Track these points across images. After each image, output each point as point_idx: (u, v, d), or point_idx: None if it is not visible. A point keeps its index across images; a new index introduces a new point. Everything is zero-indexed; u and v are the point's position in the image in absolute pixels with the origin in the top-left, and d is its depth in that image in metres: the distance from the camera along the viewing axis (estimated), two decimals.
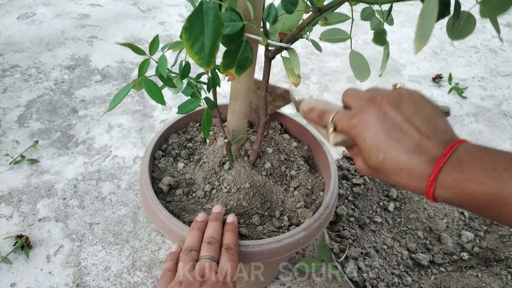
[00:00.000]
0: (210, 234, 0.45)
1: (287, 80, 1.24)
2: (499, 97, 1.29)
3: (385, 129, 0.32)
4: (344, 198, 0.73)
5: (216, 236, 0.45)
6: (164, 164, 0.59)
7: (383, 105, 0.34)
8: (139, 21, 1.48)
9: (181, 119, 0.65)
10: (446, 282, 0.64)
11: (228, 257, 0.43)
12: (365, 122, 0.34)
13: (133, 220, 0.79)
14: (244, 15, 0.41)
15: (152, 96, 0.38)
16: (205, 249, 0.43)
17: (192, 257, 0.43)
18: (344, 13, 0.44)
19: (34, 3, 1.50)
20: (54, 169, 0.88)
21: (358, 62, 0.44)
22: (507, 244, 0.70)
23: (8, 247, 0.72)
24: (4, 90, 1.08)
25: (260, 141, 0.54)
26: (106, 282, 0.69)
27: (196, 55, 0.29)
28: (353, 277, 0.60)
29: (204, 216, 0.48)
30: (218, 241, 0.45)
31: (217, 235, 0.45)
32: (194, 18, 0.28)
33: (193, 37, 0.28)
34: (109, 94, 1.11)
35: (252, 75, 0.50)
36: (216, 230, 0.46)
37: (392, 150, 0.32)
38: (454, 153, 0.29)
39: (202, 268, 0.41)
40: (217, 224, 0.47)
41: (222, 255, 0.43)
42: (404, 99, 0.33)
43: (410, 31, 1.59)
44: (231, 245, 0.44)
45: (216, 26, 0.28)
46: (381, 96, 0.34)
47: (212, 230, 0.46)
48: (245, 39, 0.37)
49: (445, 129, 0.32)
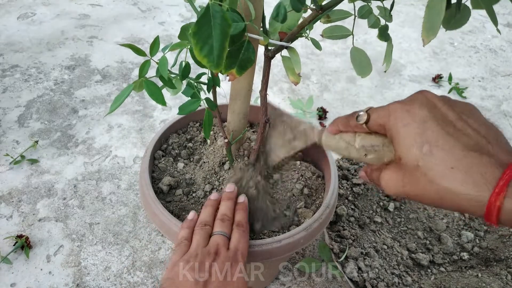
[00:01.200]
0: (224, 212, 0.47)
1: (287, 80, 1.24)
2: (499, 97, 1.29)
3: (435, 118, 0.27)
4: (344, 198, 0.73)
5: (229, 214, 0.47)
6: (164, 164, 0.59)
7: (433, 98, 0.28)
8: (139, 21, 1.48)
9: (181, 119, 0.65)
10: (446, 282, 0.64)
11: (239, 233, 0.45)
12: (409, 108, 0.28)
13: (133, 220, 0.79)
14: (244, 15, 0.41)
15: (152, 97, 0.38)
16: (219, 225, 0.45)
17: (207, 231, 0.45)
18: (346, 10, 0.44)
19: (34, 3, 1.50)
20: (54, 169, 0.88)
21: (360, 58, 0.44)
22: (507, 244, 0.70)
23: (8, 247, 0.72)
24: (4, 90, 1.08)
25: (260, 141, 0.54)
26: (106, 282, 0.69)
27: (206, 58, 0.29)
28: (353, 277, 0.60)
29: (217, 195, 0.51)
30: (230, 218, 0.47)
31: (230, 213, 0.47)
32: (202, 22, 0.28)
33: (202, 40, 0.28)
34: (109, 94, 1.11)
35: (252, 75, 0.50)
36: (229, 208, 0.48)
37: (443, 142, 0.25)
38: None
39: (215, 243, 0.43)
40: (230, 203, 0.49)
41: (234, 231, 0.45)
42: (457, 102, 0.28)
43: (410, 31, 1.60)
44: (242, 222, 0.46)
45: (223, 28, 0.28)
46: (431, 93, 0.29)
47: (225, 208, 0.48)
48: (247, 39, 0.37)
49: (507, 143, 0.26)
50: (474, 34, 1.63)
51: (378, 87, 1.27)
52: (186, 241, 0.44)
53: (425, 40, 0.26)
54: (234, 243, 0.43)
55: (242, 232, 0.45)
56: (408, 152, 0.27)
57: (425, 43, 0.27)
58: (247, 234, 0.46)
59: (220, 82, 0.45)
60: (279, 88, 1.22)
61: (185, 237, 0.45)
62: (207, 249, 0.42)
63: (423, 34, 0.26)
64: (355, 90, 1.24)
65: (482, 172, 0.24)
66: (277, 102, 1.16)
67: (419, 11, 1.73)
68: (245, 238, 0.45)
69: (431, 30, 0.26)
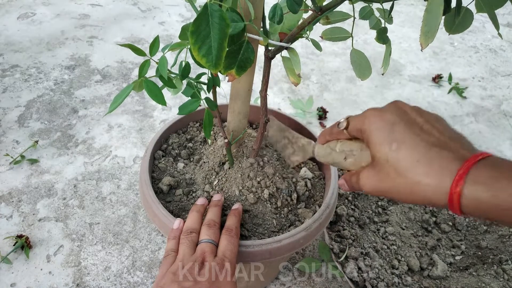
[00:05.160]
0: (210, 217, 0.46)
1: (287, 80, 1.24)
2: (499, 97, 1.29)
3: (404, 121, 0.30)
4: (344, 198, 0.73)
5: (216, 219, 0.46)
6: (164, 164, 0.59)
7: (404, 106, 0.32)
8: (139, 21, 1.48)
9: (181, 119, 0.65)
10: (446, 282, 0.64)
11: (227, 239, 0.44)
12: (381, 114, 0.31)
13: (133, 220, 0.79)
14: (244, 16, 0.41)
15: (152, 97, 0.38)
16: (205, 232, 0.44)
17: (192, 239, 0.44)
18: (345, 12, 0.44)
19: (34, 3, 1.50)
20: (54, 169, 0.88)
21: (359, 60, 0.44)
22: (507, 244, 0.70)
23: (8, 247, 0.72)
24: (4, 90, 1.08)
25: (260, 141, 0.54)
26: (106, 282, 0.69)
27: (204, 58, 0.29)
28: (353, 277, 0.60)
29: (204, 200, 0.50)
30: (217, 224, 0.46)
31: (217, 218, 0.46)
32: (199, 21, 0.28)
33: (200, 40, 0.28)
34: (109, 94, 1.11)
35: (252, 75, 0.50)
36: (216, 214, 0.47)
37: (409, 140, 0.28)
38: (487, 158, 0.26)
39: (202, 252, 0.42)
40: (216, 209, 0.48)
41: (222, 237, 0.44)
42: (427, 111, 0.32)
43: (410, 31, 1.60)
44: (232, 226, 0.45)
45: (222, 27, 0.28)
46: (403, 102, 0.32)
47: (212, 214, 0.47)
48: (246, 39, 0.37)
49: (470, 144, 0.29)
50: (474, 34, 1.63)
51: (378, 87, 1.27)
52: (173, 253, 0.44)
53: (423, 44, 0.27)
54: (221, 250, 0.43)
55: (230, 237, 0.44)
56: (379, 150, 0.30)
57: (423, 47, 0.27)
58: (236, 239, 0.45)
59: (220, 82, 0.45)
60: (279, 88, 1.22)
61: (172, 249, 0.44)
62: (193, 257, 0.41)
63: (421, 39, 0.27)
64: (355, 90, 1.24)
65: (443, 164, 0.26)
66: (277, 102, 1.16)
67: (419, 11, 1.73)
68: (233, 244, 0.44)
69: (429, 34, 0.26)
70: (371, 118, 0.32)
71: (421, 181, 0.27)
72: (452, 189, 0.25)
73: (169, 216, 0.48)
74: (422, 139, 0.28)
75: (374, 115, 0.32)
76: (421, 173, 0.27)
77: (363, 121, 0.33)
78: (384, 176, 0.30)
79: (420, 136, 0.29)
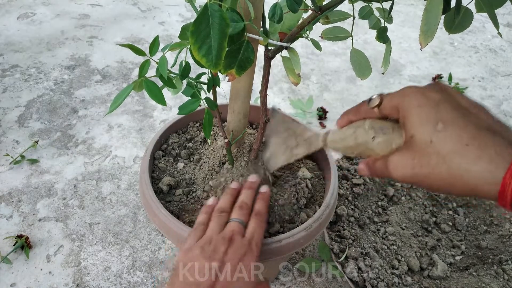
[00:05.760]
0: (243, 200, 0.47)
1: (287, 80, 1.24)
2: (499, 97, 1.29)
3: (449, 102, 0.27)
4: (344, 198, 0.73)
5: (248, 202, 0.47)
6: (164, 164, 0.59)
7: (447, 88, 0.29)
8: (139, 21, 1.48)
9: (181, 119, 0.65)
10: (446, 282, 0.64)
11: (257, 222, 0.44)
12: (424, 91, 0.28)
13: (133, 220, 0.79)
14: (244, 15, 0.41)
15: (153, 97, 0.38)
16: (236, 213, 0.45)
17: (223, 218, 0.45)
18: (345, 11, 0.44)
19: (34, 3, 1.50)
20: (54, 169, 0.88)
21: (359, 60, 0.44)
22: (507, 244, 0.70)
23: (8, 247, 0.72)
24: (4, 90, 1.08)
25: (260, 141, 0.54)
26: (106, 282, 0.69)
27: (204, 58, 0.29)
28: (353, 277, 0.60)
29: (237, 184, 0.50)
30: (249, 207, 0.46)
31: (249, 201, 0.47)
32: (200, 21, 0.28)
33: (200, 40, 0.28)
34: (109, 94, 1.11)
35: (252, 75, 0.50)
36: (249, 197, 0.47)
37: (457, 121, 0.25)
38: None
39: (230, 230, 0.43)
40: (250, 192, 0.48)
41: (251, 220, 0.45)
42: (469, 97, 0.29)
43: (410, 31, 1.59)
44: (262, 211, 0.46)
45: (222, 27, 0.28)
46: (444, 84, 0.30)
47: (245, 196, 0.47)
48: (246, 39, 0.37)
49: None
50: (474, 34, 1.63)
51: (378, 87, 1.27)
52: (202, 226, 0.44)
53: (422, 44, 0.27)
54: (250, 232, 0.43)
55: (260, 221, 0.44)
56: (421, 130, 0.27)
57: (422, 46, 0.27)
58: (264, 225, 0.45)
59: (220, 82, 0.45)
60: (279, 88, 1.22)
61: (202, 222, 0.45)
62: (221, 235, 0.42)
63: (421, 38, 0.27)
64: (355, 90, 1.24)
65: (496, 149, 0.23)
66: (277, 102, 1.16)
67: (419, 11, 1.73)
68: (262, 228, 0.44)
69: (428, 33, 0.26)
70: (412, 95, 0.28)
71: (470, 167, 0.24)
72: (505, 179, 0.22)
73: (169, 216, 0.48)
74: (471, 121, 0.25)
75: (416, 91, 0.28)
76: (470, 158, 0.24)
77: (402, 97, 0.29)
78: (423, 160, 0.26)
79: (469, 117, 0.26)
